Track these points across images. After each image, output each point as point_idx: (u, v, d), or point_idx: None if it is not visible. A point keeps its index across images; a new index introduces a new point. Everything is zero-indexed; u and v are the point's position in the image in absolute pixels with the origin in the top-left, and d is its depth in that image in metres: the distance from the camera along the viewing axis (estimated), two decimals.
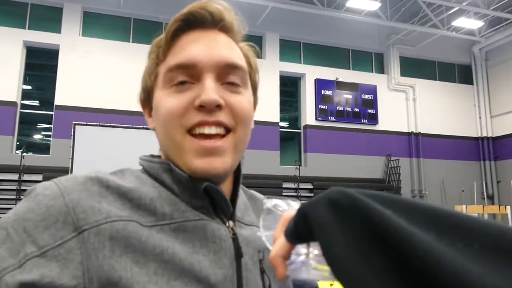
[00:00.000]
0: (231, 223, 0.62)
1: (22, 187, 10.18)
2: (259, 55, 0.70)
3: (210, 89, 0.57)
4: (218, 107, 0.58)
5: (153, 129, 0.68)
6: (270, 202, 0.49)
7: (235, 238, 0.60)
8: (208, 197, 0.60)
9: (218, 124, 0.58)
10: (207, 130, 0.57)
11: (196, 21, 0.63)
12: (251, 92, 0.66)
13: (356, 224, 0.34)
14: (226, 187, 0.66)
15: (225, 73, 0.61)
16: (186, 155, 0.58)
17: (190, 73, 0.60)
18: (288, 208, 0.48)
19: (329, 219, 0.35)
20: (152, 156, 0.67)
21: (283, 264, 0.41)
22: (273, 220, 0.47)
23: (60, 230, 0.50)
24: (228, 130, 0.60)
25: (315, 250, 0.39)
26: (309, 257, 0.40)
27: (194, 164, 0.57)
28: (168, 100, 0.60)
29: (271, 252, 0.42)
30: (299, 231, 0.39)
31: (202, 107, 0.57)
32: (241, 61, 0.64)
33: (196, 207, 0.60)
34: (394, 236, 0.31)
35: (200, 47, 0.61)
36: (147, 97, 0.70)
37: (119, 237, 0.51)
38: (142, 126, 10.52)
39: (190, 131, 0.58)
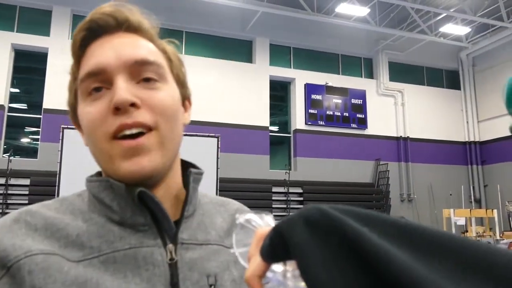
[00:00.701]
0: (170, 246, 0.59)
1: (9, 191, 10.07)
2: (180, 50, 0.70)
3: (120, 90, 0.56)
4: (134, 105, 0.57)
5: (86, 145, 0.66)
6: (243, 217, 0.47)
7: (172, 264, 0.58)
8: (150, 213, 0.59)
9: (138, 124, 0.57)
10: (127, 132, 0.56)
11: (100, 28, 0.61)
12: (175, 86, 0.66)
13: (333, 242, 0.33)
14: (172, 204, 0.64)
15: (137, 70, 0.59)
16: (114, 160, 0.57)
17: (102, 79, 0.59)
18: (262, 222, 0.46)
19: (305, 237, 0.34)
20: (97, 173, 0.65)
21: (259, 284, 0.40)
22: (247, 235, 0.46)
23: None
24: (150, 129, 0.58)
25: (291, 268, 0.38)
26: (286, 276, 0.39)
27: (122, 167, 0.57)
28: (87, 110, 0.59)
29: (246, 272, 0.41)
30: (275, 250, 0.38)
31: (118, 110, 0.56)
32: (153, 56, 0.62)
33: (137, 225, 0.59)
34: (370, 254, 0.31)
35: (107, 52, 0.59)
36: (74, 115, 0.66)
37: (38, 270, 0.51)
38: None
39: (115, 137, 0.57)
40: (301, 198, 12.62)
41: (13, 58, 11.16)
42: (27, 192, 10.14)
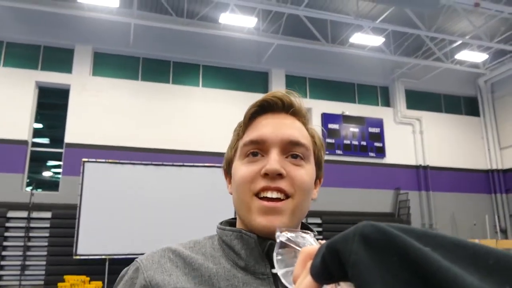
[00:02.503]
0: None
1: (31, 225, 10.20)
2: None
3: (273, 161, 0.69)
4: (280, 175, 0.69)
5: (230, 193, 0.79)
6: (284, 236, 0.47)
7: None
8: (270, 264, 0.70)
9: (279, 190, 0.68)
10: (269, 194, 0.68)
11: (269, 107, 0.76)
12: (314, 166, 0.78)
13: (394, 263, 0.31)
14: None
15: (289, 148, 0.72)
16: (252, 213, 0.69)
17: (260, 148, 0.72)
18: (303, 241, 0.45)
19: (364, 257, 0.32)
20: (227, 222, 0.80)
21: None
22: (289, 255, 0.45)
23: None
24: (287, 196, 0.70)
25: None
26: None
27: (257, 221, 0.69)
28: (241, 168, 0.73)
29: None
30: (328, 270, 0.36)
31: (267, 175, 0.69)
32: (304, 139, 0.75)
33: (258, 273, 0.70)
34: (437, 278, 0.29)
35: (269, 128, 0.73)
36: (228, 166, 0.81)
37: None
38: (150, 162, 10.60)
39: (257, 195, 0.69)
40: (320, 229, 12.44)
41: (37, 95, 11.53)
42: (48, 225, 10.25)
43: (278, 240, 0.47)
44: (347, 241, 0.34)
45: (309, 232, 0.48)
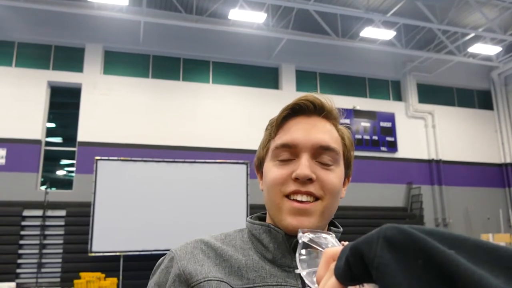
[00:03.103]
0: None
1: (46, 223, 10.34)
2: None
3: (304, 166, 0.72)
4: (310, 180, 0.72)
5: (261, 190, 0.82)
6: (306, 236, 0.48)
7: None
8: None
9: (308, 193, 0.72)
10: (299, 197, 0.72)
11: (301, 110, 0.78)
12: (343, 167, 0.80)
13: (419, 265, 0.31)
14: None
15: (319, 153, 0.75)
16: (283, 214, 0.73)
17: (291, 151, 0.75)
18: (325, 241, 0.46)
19: (388, 259, 0.33)
20: (258, 217, 0.84)
21: None
22: (312, 255, 0.46)
23: (178, 286, 0.72)
24: (317, 198, 0.73)
25: None
26: None
27: (287, 221, 0.72)
28: (273, 170, 0.76)
29: None
30: (352, 272, 0.36)
31: (297, 179, 0.72)
32: (334, 144, 0.77)
33: (285, 265, 0.74)
34: (461, 280, 0.29)
35: (301, 132, 0.76)
36: (259, 164, 0.84)
37: None
38: (162, 159, 10.67)
39: (287, 196, 0.73)
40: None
41: (49, 95, 11.65)
42: (63, 223, 10.38)
43: (300, 241, 0.48)
44: (371, 243, 0.35)
45: (330, 233, 0.50)
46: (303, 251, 0.47)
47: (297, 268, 0.67)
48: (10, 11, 11.28)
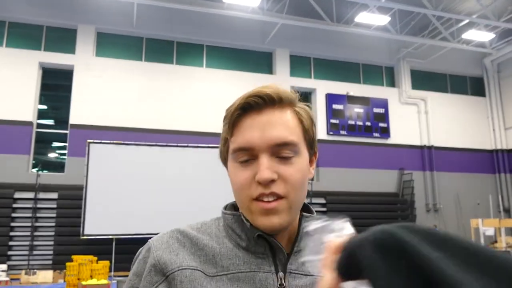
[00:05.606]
0: (281, 274, 0.75)
1: (38, 205, 10.32)
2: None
3: (263, 169, 0.73)
4: (272, 181, 0.73)
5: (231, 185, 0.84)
6: (312, 226, 0.51)
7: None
8: (269, 245, 0.76)
9: (273, 194, 0.73)
10: (265, 198, 0.73)
11: (252, 107, 0.78)
12: (306, 152, 0.80)
13: (404, 269, 0.34)
14: (287, 240, 0.79)
15: (277, 150, 0.75)
16: (253, 215, 0.75)
17: (249, 153, 0.75)
18: (330, 228, 0.49)
19: (377, 262, 0.36)
20: (232, 205, 0.85)
21: None
22: (315, 244, 0.49)
23: (154, 276, 0.74)
24: (282, 197, 0.74)
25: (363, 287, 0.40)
26: None
27: (258, 221, 0.74)
28: (237, 174, 0.77)
29: (320, 284, 0.44)
30: (348, 269, 0.41)
31: (260, 183, 0.73)
32: (292, 135, 0.77)
33: (258, 252, 0.76)
34: (437, 282, 0.32)
35: (255, 132, 0.76)
36: (224, 159, 0.85)
37: (187, 281, 0.72)
38: (154, 143, 10.64)
39: (255, 198, 0.74)
40: (325, 209, 12.52)
41: (40, 76, 11.52)
42: (55, 206, 10.37)
43: (304, 231, 0.50)
44: (362, 245, 0.39)
45: (345, 218, 0.52)
46: (309, 240, 0.50)
47: (270, 253, 0.75)
48: None
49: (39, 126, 11.48)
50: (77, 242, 9.79)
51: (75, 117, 11.23)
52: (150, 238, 0.80)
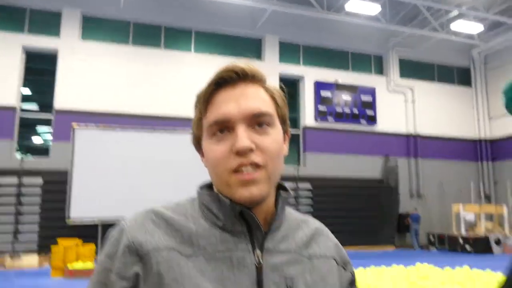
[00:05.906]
0: (258, 252, 0.75)
1: (22, 190, 10.21)
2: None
3: (241, 138, 0.73)
4: (251, 150, 0.73)
5: (205, 167, 0.83)
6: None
7: (258, 266, 0.74)
8: (246, 223, 0.76)
9: (252, 163, 0.73)
10: (244, 169, 0.73)
11: (225, 81, 0.79)
12: (280, 126, 0.81)
13: None
14: (264, 218, 0.79)
15: (253, 121, 0.76)
16: (232, 188, 0.74)
17: (225, 126, 0.76)
18: None
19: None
20: (207, 185, 0.84)
21: None
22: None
23: (128, 257, 0.73)
24: (261, 166, 0.74)
25: None
26: None
27: (238, 193, 0.73)
28: (212, 148, 0.77)
29: None
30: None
31: (238, 152, 0.73)
32: (266, 107, 0.78)
33: (235, 231, 0.76)
34: None
35: (230, 104, 0.77)
36: (197, 143, 0.84)
37: (163, 261, 0.72)
38: (141, 128, 10.56)
39: (234, 171, 0.74)
40: (310, 194, 12.66)
41: (24, 60, 11.29)
42: (39, 190, 10.28)
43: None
44: None
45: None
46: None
47: (247, 231, 0.75)
48: None
49: (23, 110, 11.30)
50: (62, 226, 9.75)
51: (60, 102, 11.07)
52: None
